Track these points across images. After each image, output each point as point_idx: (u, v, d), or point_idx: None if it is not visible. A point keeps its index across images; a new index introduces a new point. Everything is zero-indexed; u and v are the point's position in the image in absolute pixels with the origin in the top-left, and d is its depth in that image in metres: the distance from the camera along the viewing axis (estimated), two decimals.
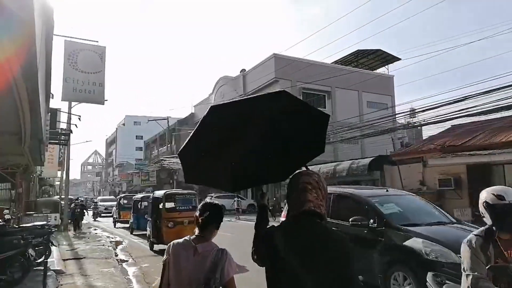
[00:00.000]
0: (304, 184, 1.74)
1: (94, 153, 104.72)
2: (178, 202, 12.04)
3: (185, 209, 11.40)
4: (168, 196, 11.80)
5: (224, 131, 2.11)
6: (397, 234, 5.35)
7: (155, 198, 12.21)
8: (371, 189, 8.29)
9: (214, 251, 2.12)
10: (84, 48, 17.24)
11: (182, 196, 12.35)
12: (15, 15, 3.05)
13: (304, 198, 1.71)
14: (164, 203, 11.29)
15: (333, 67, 28.78)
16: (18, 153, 9.34)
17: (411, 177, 15.74)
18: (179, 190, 12.76)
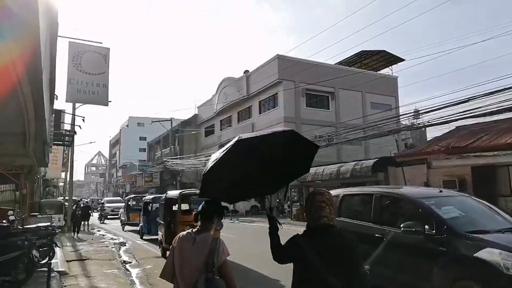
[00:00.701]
0: (319, 203, 2.25)
1: (97, 154, 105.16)
2: (195, 203, 10.68)
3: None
4: (184, 196, 10.49)
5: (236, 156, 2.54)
6: (464, 244, 4.42)
7: (168, 199, 11.05)
8: (420, 189, 7.39)
9: (209, 240, 2.56)
10: (89, 50, 17.30)
11: (197, 196, 11.19)
12: (20, 18, 3.06)
13: (320, 214, 2.22)
14: (179, 204, 10.14)
15: (336, 68, 28.73)
16: (22, 154, 9.38)
17: (415, 178, 15.65)
18: (196, 190, 11.52)
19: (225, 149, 2.55)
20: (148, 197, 16.64)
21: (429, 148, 16.47)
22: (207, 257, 2.46)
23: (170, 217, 10.51)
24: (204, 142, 39.70)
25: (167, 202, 11.05)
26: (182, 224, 9.28)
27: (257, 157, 2.70)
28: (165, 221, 10.72)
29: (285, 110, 26.64)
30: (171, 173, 37.61)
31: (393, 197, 5.73)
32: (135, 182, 52.72)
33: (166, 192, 11.68)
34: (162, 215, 11.32)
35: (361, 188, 7.34)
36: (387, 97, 30.79)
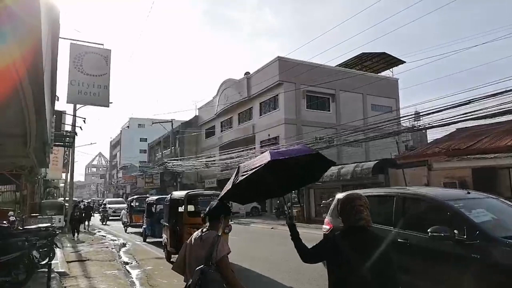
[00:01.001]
0: (359, 206, 2.50)
1: (98, 155, 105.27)
2: (202, 204, 10.13)
3: None
4: (191, 197, 9.98)
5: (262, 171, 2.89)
6: (501, 250, 4.03)
7: (174, 200, 10.47)
8: (445, 190, 6.94)
9: (213, 236, 2.85)
10: (90, 51, 17.34)
11: (207, 197, 10.28)
12: (22, 19, 3.08)
13: (360, 216, 2.47)
14: (186, 206, 9.60)
15: (337, 70, 28.74)
16: (23, 155, 9.39)
17: (416, 180, 15.64)
18: (203, 191, 10.59)
19: (254, 168, 2.91)
20: (152, 198, 15.91)
21: (430, 150, 16.48)
22: (208, 251, 2.75)
23: (176, 219, 10.00)
24: (205, 144, 39.72)
25: (172, 203, 10.51)
26: (189, 227, 8.73)
27: (277, 169, 3.09)
28: (170, 223, 10.15)
29: (285, 111, 26.65)
30: (171, 174, 37.62)
31: (417, 199, 5.34)
32: (136, 183, 52.74)
33: (171, 193, 11.04)
34: (166, 216, 10.74)
35: (381, 189, 6.91)
36: (387, 99, 30.80)
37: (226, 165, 29.19)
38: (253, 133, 30.02)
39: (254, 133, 29.89)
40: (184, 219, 9.34)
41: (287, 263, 9.17)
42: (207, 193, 10.93)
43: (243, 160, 26.36)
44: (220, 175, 32.89)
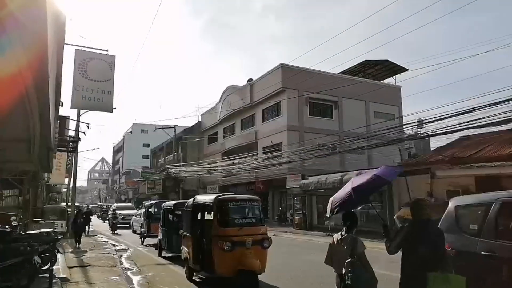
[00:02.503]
0: (425, 206, 3.76)
1: (101, 160, 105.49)
2: (237, 211, 8.13)
3: (247, 222, 7.79)
4: (223, 203, 7.95)
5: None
6: None
7: (198, 206, 8.71)
8: None
9: (350, 238, 4.07)
10: (94, 57, 17.48)
11: (243, 203, 8.34)
12: (28, 26, 3.12)
13: (424, 212, 3.70)
14: (216, 213, 7.81)
15: (340, 77, 28.80)
16: (27, 160, 9.44)
17: (418, 188, 15.56)
18: (235, 195, 9.08)
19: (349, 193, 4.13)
20: (169, 203, 13.37)
21: (433, 158, 16.42)
22: (350, 249, 3.94)
23: (201, 229, 8.35)
24: (207, 150, 39.76)
25: (196, 209, 8.72)
26: (221, 240, 7.13)
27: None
28: (193, 234, 8.37)
29: (288, 118, 26.68)
30: (174, 180, 37.63)
31: None
32: (138, 189, 52.80)
33: (194, 197, 9.12)
34: (188, 226, 8.87)
35: (477, 196, 5.84)
36: (390, 107, 30.78)
37: (228, 171, 29.18)
38: (255, 140, 30.04)
39: (257, 140, 29.91)
40: (213, 229, 7.58)
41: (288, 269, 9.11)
42: (241, 197, 8.68)
43: (245, 166, 26.41)
44: (222, 181, 32.87)
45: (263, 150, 28.53)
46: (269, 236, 7.75)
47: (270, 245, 7.59)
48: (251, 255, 7.15)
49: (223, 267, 7.19)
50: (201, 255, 8.06)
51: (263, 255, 7.47)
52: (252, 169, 26.48)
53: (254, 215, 8.17)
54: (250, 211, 8.27)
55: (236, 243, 7.13)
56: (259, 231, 7.70)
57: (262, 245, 7.43)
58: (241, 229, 7.40)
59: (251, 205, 8.32)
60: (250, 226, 7.63)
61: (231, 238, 7.18)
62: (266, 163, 25.15)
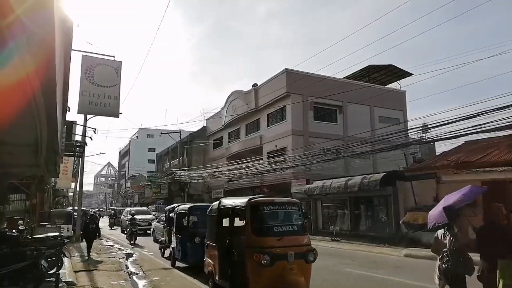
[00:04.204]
0: (498, 209, 5.25)
1: (107, 165, 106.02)
2: (275, 217, 6.90)
3: (288, 230, 6.56)
4: (258, 207, 6.73)
5: None
6: None
7: (224, 211, 7.54)
8: None
9: (450, 234, 5.27)
10: (101, 63, 17.68)
11: (281, 206, 7.03)
12: (36, 33, 3.18)
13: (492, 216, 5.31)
14: (249, 219, 6.55)
15: (344, 82, 28.80)
16: (34, 164, 9.53)
17: (424, 193, 15.49)
18: (273, 198, 7.67)
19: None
20: (183, 206, 11.99)
21: (438, 162, 16.33)
22: (451, 242, 5.21)
23: (232, 239, 7.07)
24: (212, 154, 39.84)
25: (223, 214, 7.60)
26: (257, 252, 6.05)
27: None
28: (220, 244, 7.21)
29: (293, 123, 26.69)
30: (179, 184, 37.72)
31: None
32: (143, 193, 52.94)
33: (219, 200, 7.97)
34: (212, 234, 7.73)
35: None
36: (395, 111, 30.69)
37: (233, 176, 29.21)
38: (260, 144, 30.07)
39: (262, 144, 29.94)
40: (247, 239, 6.42)
41: None
42: (280, 200, 7.36)
43: (250, 171, 26.42)
44: (227, 185, 32.90)
45: (268, 154, 28.53)
46: (314, 248, 6.54)
47: (315, 258, 6.45)
48: (294, 271, 6.06)
49: (260, 285, 6.03)
50: (230, 270, 6.86)
51: (307, 271, 6.36)
52: (257, 173, 26.48)
53: (295, 222, 6.87)
54: (290, 217, 6.96)
55: (276, 256, 6.01)
56: (302, 241, 6.57)
57: (306, 258, 6.31)
58: (282, 239, 6.25)
59: (291, 210, 7.03)
60: (291, 235, 6.45)
61: (270, 250, 6.04)
62: (271, 168, 25.15)
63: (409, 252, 13.50)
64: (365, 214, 19.43)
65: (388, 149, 18.32)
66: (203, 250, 9.53)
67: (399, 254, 13.52)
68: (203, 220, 10.17)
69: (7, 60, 3.50)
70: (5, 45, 3.28)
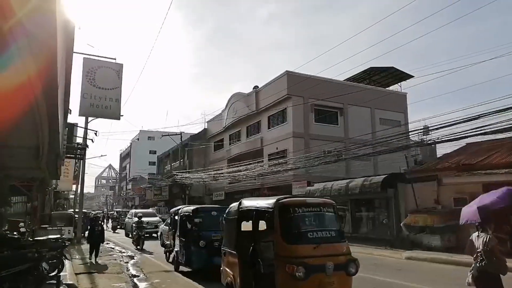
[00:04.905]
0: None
1: (108, 167, 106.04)
2: (309, 222, 5.91)
3: (325, 237, 5.63)
4: (288, 208, 5.77)
5: None
6: None
7: (246, 213, 6.58)
8: None
9: (485, 235, 5.39)
10: (102, 65, 17.72)
11: (316, 208, 6.00)
12: (37, 36, 3.20)
13: None
14: (279, 223, 5.61)
15: (345, 84, 28.81)
16: (35, 167, 9.56)
17: (425, 195, 15.47)
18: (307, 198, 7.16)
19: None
20: (187, 208, 11.31)
21: (440, 164, 16.31)
22: (484, 243, 5.30)
23: (254, 245, 6.09)
24: (213, 156, 39.86)
25: (245, 218, 6.67)
26: (289, 262, 5.14)
27: None
28: (241, 252, 6.23)
29: (294, 125, 26.70)
30: (180, 186, 37.74)
31: None
32: (145, 195, 52.97)
33: (239, 201, 6.88)
34: (231, 240, 6.70)
35: None
36: (396, 113, 30.68)
37: (234, 178, 29.20)
38: (261, 146, 30.07)
39: (262, 146, 29.94)
40: (276, 247, 5.51)
41: None
42: (313, 201, 6.37)
43: (250, 173, 26.42)
44: (228, 188, 32.89)
45: (269, 157, 28.53)
46: (355, 258, 5.65)
47: (357, 270, 5.57)
48: (333, 286, 5.25)
49: None
50: (255, 282, 5.95)
51: (348, 285, 5.53)
52: (258, 175, 26.48)
53: (332, 227, 5.96)
54: (326, 221, 6.06)
55: (312, 268, 5.12)
56: (342, 249, 5.62)
57: (347, 270, 5.42)
58: (318, 247, 5.35)
59: (326, 212, 6.09)
60: (329, 243, 5.56)
61: (305, 260, 5.13)
62: (272, 170, 25.14)
63: (410, 254, 13.47)
64: (366, 217, 19.39)
65: (389, 151, 18.29)
66: (208, 254, 9.37)
67: (400, 257, 13.48)
68: (208, 223, 10.01)
69: (9, 63, 3.52)
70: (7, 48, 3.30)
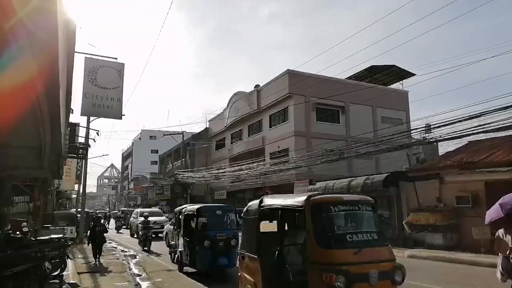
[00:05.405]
0: None
1: (110, 166, 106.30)
2: (347, 222, 5.25)
3: (366, 240, 4.93)
4: (322, 206, 5.06)
5: None
6: None
7: (269, 212, 5.85)
8: None
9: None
10: (104, 65, 17.75)
11: (354, 207, 5.24)
12: (39, 36, 3.20)
13: None
14: (312, 224, 4.82)
15: (347, 82, 28.78)
16: (37, 166, 9.57)
17: (427, 193, 15.44)
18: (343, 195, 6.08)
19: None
20: (191, 207, 10.97)
21: (442, 163, 16.27)
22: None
23: (280, 249, 5.42)
24: (215, 155, 39.89)
25: (265, 217, 6.01)
26: (326, 270, 4.40)
27: None
28: (264, 256, 5.49)
29: (295, 124, 26.69)
30: (181, 186, 37.79)
31: None
32: (146, 195, 53.07)
33: (261, 198, 6.09)
34: (251, 242, 5.93)
35: None
36: (398, 112, 30.63)
37: (236, 177, 29.23)
38: (262, 145, 30.08)
39: (264, 145, 29.94)
40: (311, 252, 4.71)
41: None
42: (350, 198, 5.51)
43: (252, 172, 26.43)
44: (230, 187, 32.92)
45: (270, 155, 28.54)
46: (401, 264, 4.89)
47: (404, 278, 4.85)
48: None
49: None
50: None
51: None
52: (260, 174, 26.48)
53: (372, 228, 5.25)
54: (366, 221, 5.33)
55: (355, 277, 4.38)
56: (386, 254, 4.85)
57: (393, 279, 4.70)
58: (360, 252, 4.58)
59: (365, 211, 5.31)
60: (371, 247, 4.79)
61: (345, 267, 4.38)
62: (274, 169, 25.14)
63: (412, 253, 13.46)
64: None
65: (391, 150, 18.27)
66: (213, 254, 9.29)
67: (402, 255, 13.47)
68: (212, 222, 10.00)
69: (11, 63, 3.53)
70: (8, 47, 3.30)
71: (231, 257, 9.65)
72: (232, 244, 9.69)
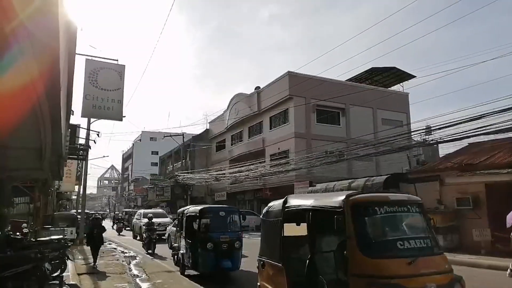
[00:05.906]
0: None
1: (110, 168, 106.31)
2: (394, 226, 4.56)
3: (421, 247, 4.20)
4: (365, 207, 4.36)
5: None
6: None
7: (295, 214, 5.16)
8: None
9: None
10: (105, 67, 17.75)
11: (401, 208, 4.54)
12: (40, 38, 3.21)
13: None
14: (353, 228, 4.13)
15: (347, 84, 28.81)
16: (37, 168, 9.57)
17: (428, 195, 15.40)
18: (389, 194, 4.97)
19: None
20: (194, 208, 10.67)
21: (442, 165, 16.26)
22: None
23: (311, 255, 4.73)
24: (215, 157, 39.91)
25: (291, 219, 5.35)
26: (375, 283, 3.76)
27: None
28: (290, 264, 4.99)
29: (295, 125, 26.71)
30: (182, 187, 37.80)
31: None
32: (147, 196, 53.09)
33: (285, 197, 5.46)
34: (272, 248, 5.43)
35: None
36: (398, 113, 30.66)
37: (236, 179, 29.24)
38: (263, 147, 30.10)
39: (264, 147, 29.96)
40: (354, 261, 3.99)
41: None
42: (397, 197, 4.72)
43: (252, 173, 26.43)
44: (230, 188, 32.92)
45: (271, 157, 28.55)
46: (460, 276, 4.19)
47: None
48: None
49: None
50: None
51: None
52: (260, 176, 26.49)
53: (424, 233, 4.49)
54: (416, 225, 4.57)
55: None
56: (442, 265, 4.13)
57: None
58: (414, 262, 3.88)
59: (415, 213, 4.58)
60: (426, 256, 4.08)
61: (398, 280, 3.75)
62: (274, 170, 25.15)
63: None
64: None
65: (391, 152, 18.26)
66: (215, 257, 9.16)
67: None
68: (215, 224, 9.84)
69: (12, 65, 3.54)
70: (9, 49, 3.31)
71: (234, 260, 9.50)
72: (236, 246, 9.54)
